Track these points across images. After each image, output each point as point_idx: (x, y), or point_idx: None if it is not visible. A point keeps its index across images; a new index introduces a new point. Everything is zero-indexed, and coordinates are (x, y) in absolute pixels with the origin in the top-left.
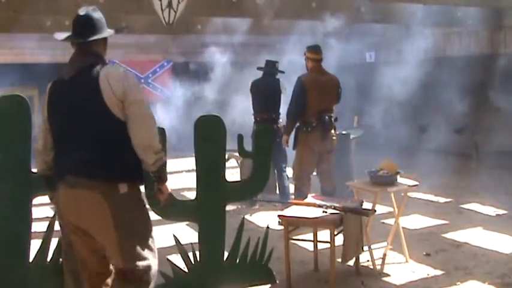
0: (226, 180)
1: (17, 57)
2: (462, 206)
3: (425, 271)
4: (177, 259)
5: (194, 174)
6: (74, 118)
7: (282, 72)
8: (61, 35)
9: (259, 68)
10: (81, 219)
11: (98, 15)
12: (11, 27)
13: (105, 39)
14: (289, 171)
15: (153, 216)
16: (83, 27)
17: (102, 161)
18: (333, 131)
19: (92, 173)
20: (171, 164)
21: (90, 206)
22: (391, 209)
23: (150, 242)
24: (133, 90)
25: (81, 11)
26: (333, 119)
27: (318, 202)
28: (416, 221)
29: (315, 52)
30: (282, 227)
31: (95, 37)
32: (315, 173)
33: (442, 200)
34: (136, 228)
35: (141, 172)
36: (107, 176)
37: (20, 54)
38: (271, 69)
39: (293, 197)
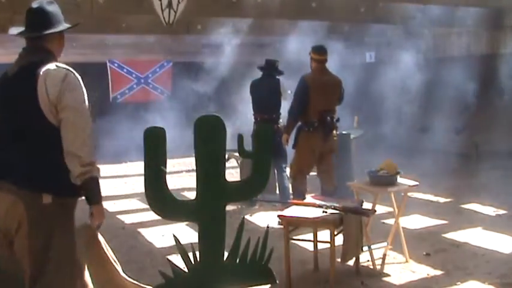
0: (226, 180)
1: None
2: (462, 206)
3: (425, 271)
4: (177, 259)
5: (194, 174)
6: (8, 117)
7: (282, 72)
8: (16, 30)
9: (259, 68)
10: (2, 221)
11: (52, 8)
12: (11, 27)
13: (60, 35)
14: (289, 171)
15: (153, 216)
16: (35, 21)
17: (27, 167)
18: (334, 132)
19: (15, 178)
20: (171, 164)
21: (9, 211)
22: (391, 209)
23: (65, 259)
24: (70, 94)
25: (34, 3)
26: (334, 119)
27: (318, 202)
28: (416, 221)
29: (318, 53)
30: (282, 227)
31: (46, 32)
32: (315, 173)
33: (442, 200)
34: (52, 243)
35: (75, 186)
36: (29, 184)
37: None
38: (270, 69)
39: (292, 196)
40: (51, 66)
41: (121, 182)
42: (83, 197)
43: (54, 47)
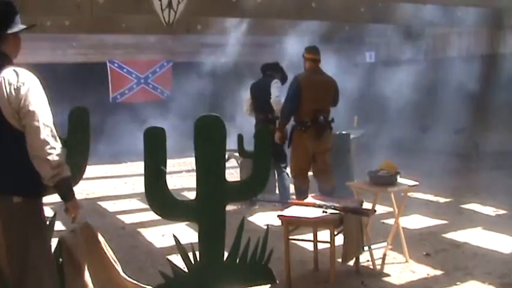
0: (226, 180)
1: (17, 57)
2: (462, 206)
3: (425, 271)
4: (177, 259)
5: (194, 174)
6: None
7: (283, 73)
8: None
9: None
10: None
11: (7, 8)
12: None
13: (16, 36)
14: (289, 171)
15: (153, 216)
16: None
17: None
18: (329, 131)
19: None
20: (171, 164)
21: None
22: (391, 209)
23: (42, 255)
24: (30, 100)
25: None
26: (328, 120)
27: (318, 202)
28: (416, 221)
29: (312, 53)
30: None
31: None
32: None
33: (442, 200)
34: (28, 239)
35: (42, 186)
36: None
37: (20, 55)
38: (265, 70)
39: (294, 197)
40: (9, 71)
41: (121, 182)
42: (83, 197)
43: (10, 50)
